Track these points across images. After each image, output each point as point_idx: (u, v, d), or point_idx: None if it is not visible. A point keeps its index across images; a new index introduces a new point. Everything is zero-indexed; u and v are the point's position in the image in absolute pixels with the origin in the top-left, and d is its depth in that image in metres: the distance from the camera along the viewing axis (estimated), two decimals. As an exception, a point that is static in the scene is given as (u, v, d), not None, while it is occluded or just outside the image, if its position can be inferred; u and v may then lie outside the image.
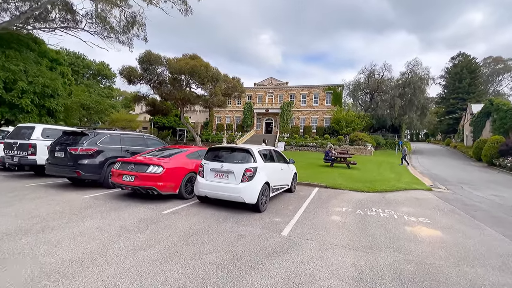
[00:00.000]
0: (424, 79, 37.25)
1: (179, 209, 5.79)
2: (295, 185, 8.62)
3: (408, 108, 37.60)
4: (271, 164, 6.60)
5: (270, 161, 6.63)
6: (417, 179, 12.33)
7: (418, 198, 8.28)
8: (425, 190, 9.67)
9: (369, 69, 39.33)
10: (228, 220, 5.17)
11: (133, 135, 8.86)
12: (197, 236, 4.22)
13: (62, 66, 26.54)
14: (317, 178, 10.94)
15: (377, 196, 8.35)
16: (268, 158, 6.61)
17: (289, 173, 7.90)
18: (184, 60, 26.71)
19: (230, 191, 5.55)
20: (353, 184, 9.92)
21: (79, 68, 46.42)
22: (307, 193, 8.30)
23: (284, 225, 4.98)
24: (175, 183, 6.39)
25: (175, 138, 41.29)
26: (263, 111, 40.95)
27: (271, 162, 6.65)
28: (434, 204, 7.44)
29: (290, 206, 6.50)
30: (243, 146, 6.04)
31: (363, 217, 5.82)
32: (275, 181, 6.55)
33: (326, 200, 7.47)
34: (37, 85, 19.20)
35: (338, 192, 8.80)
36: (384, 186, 9.64)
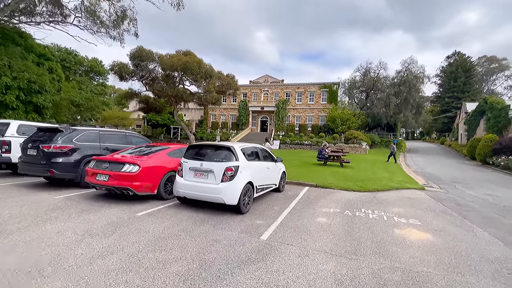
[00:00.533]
0: (419, 77, 37.18)
1: (156, 211, 5.43)
2: (284, 184, 8.30)
3: (403, 107, 37.54)
4: (256, 162, 6.26)
5: (254, 159, 6.30)
6: (410, 178, 12.10)
7: (410, 197, 8.01)
8: (417, 190, 9.42)
9: (365, 67, 39.20)
10: (206, 222, 4.83)
11: (114, 132, 8.45)
12: (167, 241, 3.87)
13: (50, 61, 25.83)
14: (308, 177, 10.64)
15: (368, 195, 8.06)
16: (253, 156, 6.27)
17: (277, 172, 7.57)
18: (177, 56, 26.22)
19: (209, 191, 5.20)
20: (344, 183, 9.63)
21: (71, 65, 45.41)
22: (295, 193, 7.99)
23: (265, 228, 4.64)
24: (153, 183, 6.02)
25: (169, 136, 40.78)
26: (258, 109, 40.59)
27: (255, 161, 6.31)
28: (426, 204, 7.17)
29: (275, 207, 6.17)
30: (224, 143, 5.69)
31: (351, 218, 5.51)
32: (260, 180, 6.22)
33: (314, 200, 7.15)
34: (22, 80, 18.59)
35: (328, 191, 8.50)
36: (376, 185, 9.37)
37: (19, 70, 18.60)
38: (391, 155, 20.21)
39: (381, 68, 38.10)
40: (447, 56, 58.95)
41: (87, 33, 24.64)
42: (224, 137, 35.87)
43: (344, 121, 34.68)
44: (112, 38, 25.61)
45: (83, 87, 44.98)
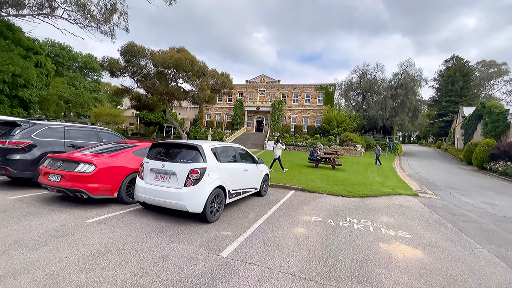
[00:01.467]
0: (416, 80, 36.77)
1: (111, 217, 4.77)
2: (266, 188, 7.66)
3: (400, 110, 37.12)
4: (230, 164, 5.61)
5: (229, 160, 5.65)
6: (404, 183, 11.51)
7: (402, 205, 7.40)
8: (410, 196, 8.82)
9: (362, 69, 38.73)
10: (162, 233, 4.17)
11: (82, 128, 7.75)
12: (103, 257, 3.21)
13: (39, 55, 25.02)
14: (296, 179, 10.01)
15: (357, 202, 7.44)
16: (227, 157, 5.62)
17: (257, 174, 6.92)
18: (169, 53, 25.52)
19: (170, 197, 4.54)
20: (333, 187, 9.01)
21: (64, 60, 44.53)
22: (278, 197, 7.35)
23: (230, 241, 4.00)
24: (113, 185, 5.35)
25: (161, 134, 39.99)
26: (254, 109, 39.95)
27: (230, 162, 5.66)
28: (418, 213, 6.56)
29: (251, 214, 5.53)
30: (191, 142, 5.03)
31: (332, 229, 4.88)
32: (234, 184, 5.57)
33: (297, 206, 6.52)
34: (7, 73, 17.82)
35: (314, 196, 7.87)
36: (366, 191, 8.76)
37: (3, 63, 17.82)
38: (377, 158, 19.84)
39: (378, 70, 37.70)
40: (445, 60, 58.88)
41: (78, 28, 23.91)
42: (218, 136, 35.17)
43: (340, 123, 34.16)
44: (103, 33, 24.88)
45: (76, 83, 44.16)
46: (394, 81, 37.95)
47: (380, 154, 20.26)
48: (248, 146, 32.06)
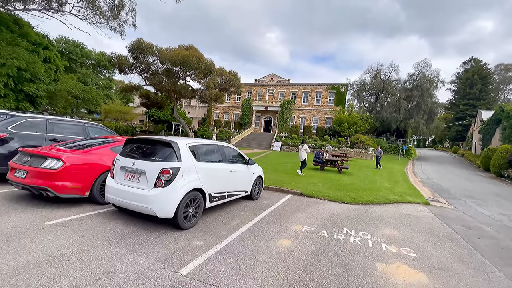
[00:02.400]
0: (433, 81, 35.09)
1: (74, 220, 4.30)
2: (259, 191, 7.05)
3: (414, 112, 35.55)
4: (213, 164, 5.04)
5: (211, 160, 5.08)
6: (415, 190, 10.61)
7: (410, 215, 6.62)
8: (421, 204, 7.98)
9: (376, 69, 37.34)
10: (123, 241, 3.65)
11: (67, 121, 7.40)
12: (38, 270, 2.72)
13: (48, 51, 25.37)
14: (296, 182, 9.35)
15: (359, 210, 6.72)
16: (208, 156, 5.06)
17: (248, 176, 6.33)
18: (177, 50, 25.31)
19: (138, 199, 4.02)
20: (335, 192, 8.29)
21: (77, 57, 45.43)
22: (272, 202, 6.73)
23: (198, 254, 3.43)
24: (83, 184, 4.90)
25: (170, 132, 40.04)
26: (262, 108, 39.35)
27: (213, 162, 5.09)
28: (428, 225, 5.78)
29: (234, 221, 4.95)
30: (166, 138, 4.50)
31: (324, 242, 4.23)
32: (218, 187, 5.02)
33: (290, 213, 5.88)
34: (11, 67, 17.99)
35: (312, 201, 7.20)
36: (371, 197, 7.99)
37: (8, 57, 18.01)
38: (377, 161, 18.83)
39: (392, 70, 36.22)
40: (463, 62, 56.40)
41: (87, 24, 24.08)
42: (225, 136, 34.80)
43: (351, 124, 33.03)
44: (113, 29, 24.99)
45: (88, 80, 44.96)
46: (409, 82, 36.40)
47: (381, 156, 19.25)
48: (254, 146, 31.50)
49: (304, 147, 12.03)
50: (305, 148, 12.01)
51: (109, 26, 24.54)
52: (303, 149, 11.99)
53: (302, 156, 11.92)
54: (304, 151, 11.96)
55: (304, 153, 11.95)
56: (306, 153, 12.01)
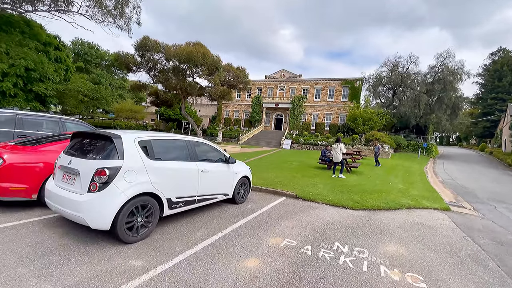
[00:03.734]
0: (457, 73, 32.41)
1: (9, 227, 3.64)
2: (245, 193, 6.17)
3: (436, 107, 33.05)
4: (175, 163, 4.20)
5: (174, 158, 4.26)
6: (434, 192, 9.29)
7: (424, 224, 5.49)
8: (439, 211, 6.77)
9: (393, 61, 35.03)
10: (42, 258, 2.91)
11: (40, 116, 6.88)
12: None
13: (59, 51, 25.77)
14: (293, 183, 8.38)
15: (361, 217, 5.67)
16: (170, 154, 4.24)
17: (228, 177, 5.47)
18: (182, 47, 24.84)
19: (70, 206, 3.28)
20: (336, 195, 7.25)
21: (92, 58, 46.55)
22: (258, 206, 5.84)
23: (125, 281, 2.62)
24: (30, 185, 4.25)
25: (180, 131, 39.99)
26: (273, 105, 38.27)
27: (177, 161, 4.27)
28: (446, 240, 4.66)
29: (199, 232, 4.11)
30: (111, 131, 3.74)
31: (303, 264, 3.30)
32: (182, 190, 4.21)
33: (275, 220, 4.97)
34: (19, 67, 18.19)
35: (307, 206, 6.23)
36: (379, 201, 6.88)
37: (16, 57, 18.22)
38: (376, 157, 17.30)
39: (411, 62, 33.80)
40: (490, 53, 52.32)
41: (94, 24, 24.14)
42: (234, 134, 34.16)
43: (366, 120, 31.25)
44: (120, 28, 24.97)
45: (102, 80, 45.89)
46: (430, 75, 33.89)
47: (379, 153, 17.73)
48: (263, 144, 30.59)
49: (340, 146, 10.71)
50: (341, 147, 10.70)
51: (116, 25, 24.57)
52: (339, 149, 10.70)
53: (338, 158, 10.68)
54: (340, 151, 10.68)
55: (340, 153, 10.68)
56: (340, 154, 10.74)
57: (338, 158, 10.69)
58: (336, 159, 10.73)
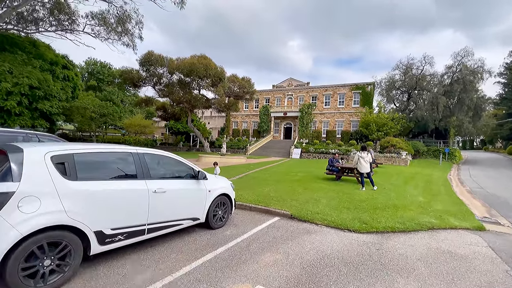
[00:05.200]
0: (477, 72, 30.28)
1: None
2: (225, 215, 5.11)
3: (457, 109, 30.87)
4: (110, 183, 3.24)
5: (110, 176, 3.32)
6: (461, 204, 7.82)
7: (453, 253, 4.19)
8: (471, 231, 5.39)
9: (406, 63, 33.41)
10: None
11: (3, 131, 6.22)
12: None
13: (68, 70, 26.29)
14: (292, 199, 7.22)
15: (370, 244, 4.45)
16: (103, 170, 3.30)
17: (197, 197, 4.44)
18: (185, 60, 24.69)
19: None
20: (341, 213, 6.03)
21: (104, 77, 47.93)
22: (241, 231, 4.76)
23: None
24: None
25: (188, 143, 39.69)
26: (281, 114, 37.31)
27: (113, 180, 3.33)
28: (484, 278, 3.36)
29: (142, 275, 3.08)
30: (7, 145, 2.86)
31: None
32: (122, 218, 3.24)
33: (253, 253, 3.87)
34: (23, 86, 18.39)
35: (302, 229, 5.07)
36: (393, 221, 5.60)
37: (20, 76, 18.47)
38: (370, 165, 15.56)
39: (426, 63, 32.01)
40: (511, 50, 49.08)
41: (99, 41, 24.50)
42: (242, 144, 33.29)
43: (380, 126, 29.52)
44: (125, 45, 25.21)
45: (113, 97, 46.97)
46: (447, 75, 31.90)
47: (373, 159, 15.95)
48: (272, 154, 29.47)
49: (367, 156, 9.42)
50: (368, 158, 9.43)
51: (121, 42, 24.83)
52: (368, 157, 9.45)
53: (365, 167, 9.34)
54: (368, 160, 9.42)
55: (366, 163, 9.35)
56: (369, 164, 9.44)
57: (367, 168, 9.39)
58: (365, 169, 9.40)
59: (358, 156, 9.57)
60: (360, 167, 9.46)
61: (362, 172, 9.48)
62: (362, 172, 9.48)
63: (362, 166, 9.43)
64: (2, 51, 19.53)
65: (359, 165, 9.47)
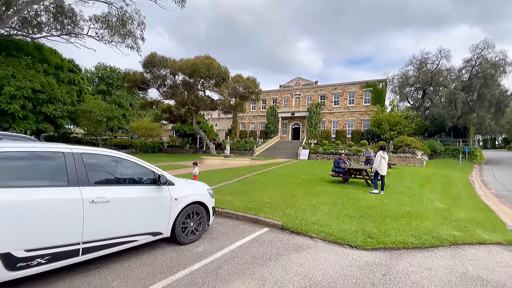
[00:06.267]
0: (499, 65, 28.24)
1: None
2: (198, 228, 4.28)
3: (477, 105, 28.91)
4: (23, 193, 2.48)
5: (30, 184, 2.58)
6: (488, 211, 6.67)
7: (485, 279, 3.20)
8: (504, 246, 4.33)
9: (420, 59, 31.71)
10: None
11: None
12: None
13: (74, 74, 26.41)
14: (288, 205, 6.32)
15: (375, 265, 3.51)
16: (18, 176, 2.56)
17: (157, 207, 3.63)
18: (188, 61, 24.23)
19: None
20: (343, 223, 5.09)
21: (113, 81, 48.47)
22: (215, 248, 3.93)
23: None
24: None
25: (195, 146, 39.33)
26: (289, 115, 36.28)
27: (34, 187, 2.58)
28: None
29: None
30: None
31: None
32: (43, 236, 2.49)
33: (221, 281, 3.02)
34: (26, 89, 18.38)
35: (292, 245, 4.18)
36: (405, 233, 4.60)
37: (23, 80, 18.47)
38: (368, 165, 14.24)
39: (442, 57, 30.22)
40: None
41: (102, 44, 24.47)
42: (249, 146, 32.51)
43: (393, 125, 27.98)
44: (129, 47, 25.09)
45: (122, 101, 47.47)
46: (466, 69, 29.99)
47: (372, 158, 14.57)
48: (279, 155, 28.53)
49: (384, 158, 8.53)
50: (386, 159, 8.52)
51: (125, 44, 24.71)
52: (383, 159, 8.54)
53: (382, 169, 8.47)
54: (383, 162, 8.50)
55: (382, 165, 8.46)
56: (385, 166, 8.55)
57: (381, 170, 8.52)
58: (382, 171, 8.52)
59: (380, 156, 8.60)
60: (381, 169, 8.52)
61: (384, 174, 8.57)
62: (384, 174, 8.57)
63: (383, 167, 8.52)
64: (7, 56, 19.66)
65: (381, 167, 8.52)
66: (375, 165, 8.65)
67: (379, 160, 8.56)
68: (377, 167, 8.56)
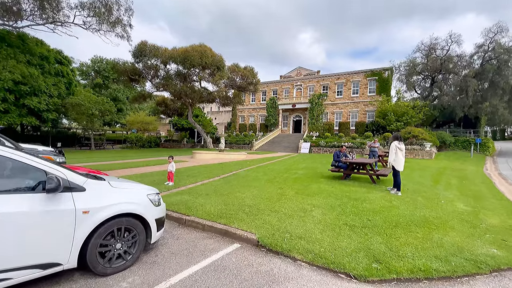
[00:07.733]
0: (513, 50, 26.29)
1: None
2: (130, 250, 3.03)
3: (490, 93, 27.08)
4: None
5: None
6: (526, 216, 5.32)
7: None
8: None
9: (428, 44, 29.81)
10: None
11: None
12: None
13: (63, 66, 25.21)
14: (271, 209, 5.05)
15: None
16: None
17: (51, 225, 2.38)
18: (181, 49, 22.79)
19: None
20: (339, 236, 3.80)
21: (109, 74, 47.24)
22: (149, 281, 2.69)
23: None
24: None
25: (193, 140, 38.17)
26: (289, 106, 34.78)
27: None
28: None
29: None
30: None
31: None
32: None
33: None
34: (6, 81, 17.21)
35: (265, 273, 2.92)
36: (426, 252, 3.30)
37: (3, 70, 17.30)
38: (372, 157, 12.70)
39: (452, 42, 28.30)
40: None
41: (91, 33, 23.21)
42: (248, 140, 31.21)
43: (399, 115, 26.39)
44: (119, 36, 23.77)
45: (119, 95, 46.34)
46: (477, 55, 28.07)
47: (376, 151, 13.13)
48: (279, 149, 27.22)
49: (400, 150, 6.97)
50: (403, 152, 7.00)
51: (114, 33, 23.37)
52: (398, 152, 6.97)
53: (398, 164, 6.94)
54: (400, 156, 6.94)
55: (399, 159, 6.93)
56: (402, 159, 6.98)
57: (398, 165, 6.97)
58: (398, 167, 6.96)
59: (395, 147, 6.94)
60: (398, 163, 6.94)
61: (400, 170, 6.96)
62: (400, 170, 6.96)
63: (400, 161, 6.93)
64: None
65: (397, 160, 6.94)
66: (390, 158, 7.10)
67: (394, 152, 7.01)
68: (393, 161, 7.01)
